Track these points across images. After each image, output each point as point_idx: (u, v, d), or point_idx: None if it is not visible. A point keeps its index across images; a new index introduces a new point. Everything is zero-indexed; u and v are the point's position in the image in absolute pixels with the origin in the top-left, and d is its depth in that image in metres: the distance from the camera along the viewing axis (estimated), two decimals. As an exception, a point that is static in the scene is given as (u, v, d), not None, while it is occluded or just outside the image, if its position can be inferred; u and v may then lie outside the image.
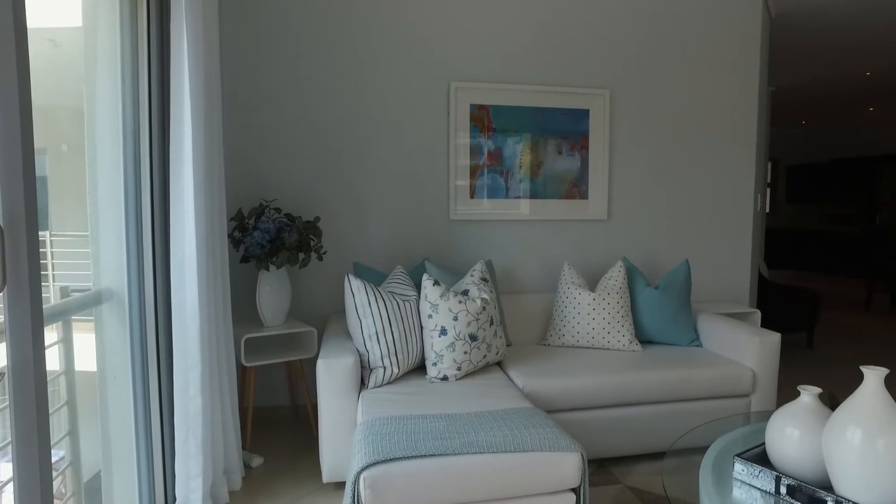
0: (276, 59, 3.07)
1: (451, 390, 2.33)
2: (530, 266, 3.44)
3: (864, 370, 1.44)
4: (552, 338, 3.03)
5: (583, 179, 3.43)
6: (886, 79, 6.54)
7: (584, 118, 3.40)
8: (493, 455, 1.77)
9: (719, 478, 1.69)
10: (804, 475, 1.57)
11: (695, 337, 3.03)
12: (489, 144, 3.30)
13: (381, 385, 2.41)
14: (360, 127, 3.19)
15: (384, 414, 2.06)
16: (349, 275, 2.48)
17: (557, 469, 1.79)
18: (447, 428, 1.90)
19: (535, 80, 3.36)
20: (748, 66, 3.71)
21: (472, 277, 2.71)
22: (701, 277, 3.73)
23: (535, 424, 1.92)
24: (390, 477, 1.69)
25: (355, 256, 3.23)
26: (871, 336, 5.48)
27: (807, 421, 1.58)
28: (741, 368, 2.71)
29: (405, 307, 2.52)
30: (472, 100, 3.26)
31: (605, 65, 3.45)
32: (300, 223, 2.84)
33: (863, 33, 4.81)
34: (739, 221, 3.78)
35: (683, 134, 3.63)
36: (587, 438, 2.58)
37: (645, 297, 3.02)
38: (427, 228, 3.30)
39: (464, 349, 2.46)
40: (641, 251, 3.60)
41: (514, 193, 3.35)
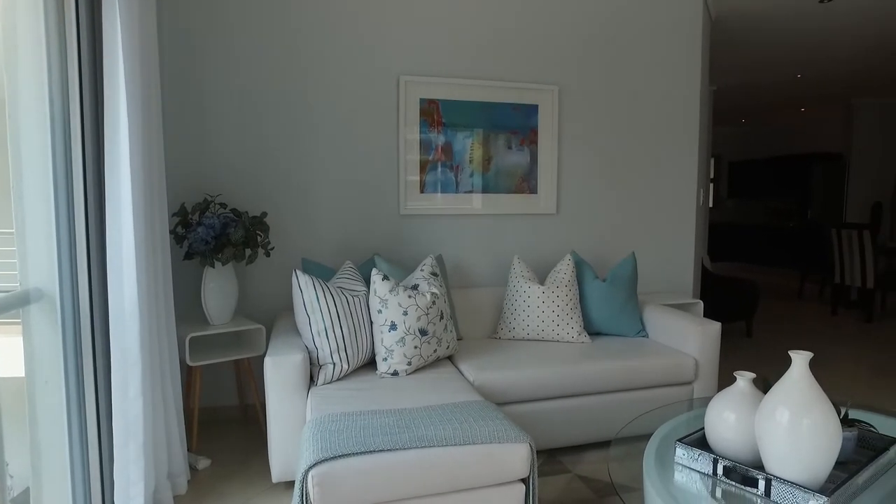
0: (218, 48, 2.98)
1: (402, 385, 2.32)
2: (481, 260, 3.47)
3: (792, 354, 1.51)
4: (503, 331, 3.06)
5: (532, 174, 3.48)
6: (815, 81, 6.88)
7: (533, 113, 3.44)
8: (442, 449, 1.77)
9: (662, 463, 1.74)
10: (739, 456, 1.63)
11: (641, 328, 3.12)
12: (439, 139, 3.30)
13: (331, 381, 2.38)
14: (309, 120, 3.13)
15: (333, 410, 2.03)
16: (297, 271, 2.44)
17: (507, 460, 1.81)
18: (397, 423, 1.89)
19: (485, 74, 3.38)
20: (690, 66, 3.83)
21: (421, 272, 2.71)
22: (647, 270, 3.84)
23: (484, 417, 1.93)
24: (339, 474, 1.67)
25: (304, 252, 3.18)
26: (804, 323, 5.77)
27: (742, 405, 1.65)
28: (684, 357, 2.80)
29: (354, 302, 2.49)
30: (422, 94, 3.25)
31: (553, 61, 3.50)
32: (247, 219, 2.77)
33: (793, 38, 5.05)
34: (683, 215, 3.90)
35: (629, 130, 3.72)
36: (537, 429, 2.61)
37: (593, 290, 3.08)
38: (377, 223, 3.27)
39: (414, 344, 2.46)
40: (589, 244, 3.67)
41: (464, 188, 3.37)
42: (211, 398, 3.13)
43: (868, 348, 4.82)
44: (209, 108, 2.99)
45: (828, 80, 6.89)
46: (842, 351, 4.73)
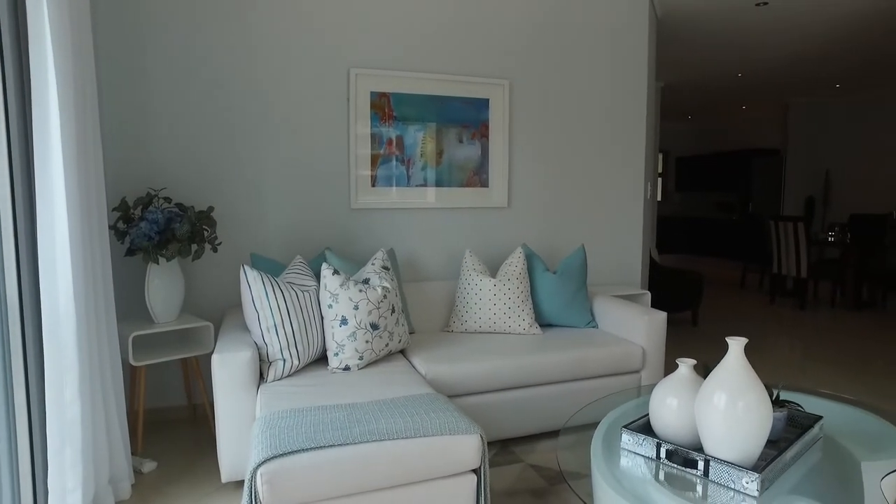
0: (161, 36, 2.88)
1: (353, 380, 2.30)
2: (433, 254, 3.47)
3: (729, 341, 1.58)
4: (455, 324, 3.07)
5: (483, 168, 3.50)
6: (754, 80, 7.17)
7: (484, 107, 3.46)
8: (393, 442, 1.77)
9: (609, 449, 1.79)
10: (681, 440, 1.69)
11: (591, 319, 3.19)
12: (390, 132, 3.28)
13: (282, 378, 2.34)
14: (258, 114, 3.06)
15: (283, 407, 2.00)
16: (245, 266, 2.38)
17: (458, 452, 1.82)
18: (347, 418, 1.88)
19: (437, 68, 3.37)
20: (637, 63, 3.93)
21: (373, 266, 2.69)
22: (597, 262, 3.93)
23: (435, 409, 1.94)
24: (289, 471, 1.64)
25: (253, 247, 3.11)
26: (745, 312, 6.02)
27: (683, 390, 1.71)
28: (632, 346, 2.88)
29: (304, 298, 2.46)
30: (373, 87, 3.23)
31: (504, 55, 3.53)
32: (192, 213, 2.69)
33: (733, 38, 5.24)
34: (631, 209, 4.01)
35: (579, 124, 3.79)
36: (490, 420, 2.64)
37: (544, 282, 3.14)
38: (328, 218, 3.23)
39: (365, 338, 2.44)
40: (540, 237, 3.73)
41: (415, 182, 3.36)
42: (157, 399, 3.03)
43: (802, 334, 5.07)
44: (152, 100, 2.88)
45: (766, 80, 7.19)
46: (778, 337, 4.96)
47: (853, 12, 4.53)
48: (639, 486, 1.58)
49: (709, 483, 1.56)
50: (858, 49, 5.67)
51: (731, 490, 1.52)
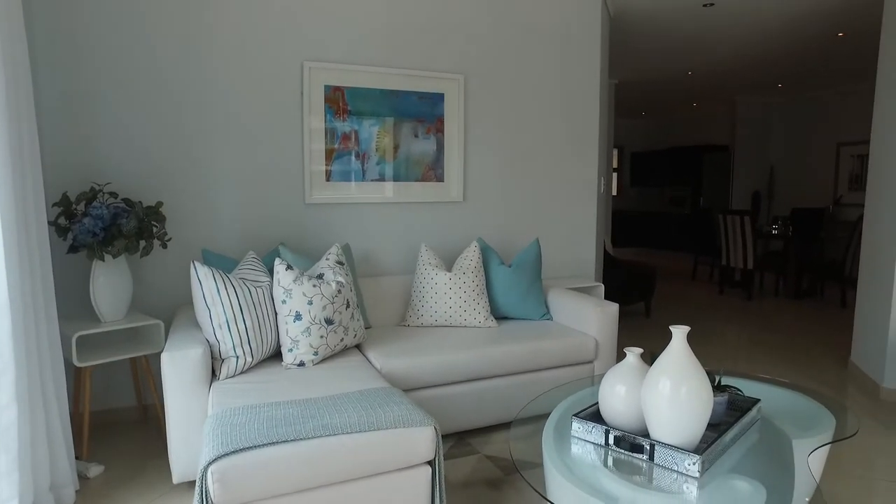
0: (105, 23, 2.77)
1: (308, 375, 2.29)
2: (389, 248, 3.47)
3: (672, 329, 1.64)
4: (411, 318, 3.08)
5: (439, 162, 3.51)
6: (704, 79, 7.40)
7: (439, 102, 3.47)
8: (347, 436, 1.77)
9: (560, 437, 1.83)
10: (629, 426, 1.75)
11: (546, 311, 3.25)
12: (345, 127, 3.26)
13: (235, 375, 2.31)
14: (209, 106, 2.99)
15: (236, 404, 1.98)
16: (195, 262, 2.33)
17: (412, 444, 1.83)
18: (301, 413, 1.87)
19: (391, 62, 3.36)
20: (589, 60, 4.00)
21: (327, 261, 2.67)
22: (552, 255, 3.99)
23: (389, 403, 1.95)
24: (240, 468, 1.63)
25: (204, 243, 3.04)
26: (696, 302, 6.23)
27: (630, 378, 1.76)
28: (585, 337, 2.95)
29: (258, 294, 2.43)
30: (327, 81, 3.19)
31: (459, 50, 3.54)
32: (140, 209, 2.61)
33: (682, 38, 5.39)
34: (585, 203, 4.09)
35: (533, 120, 3.83)
36: (446, 413, 2.67)
37: (499, 276, 3.17)
38: (282, 213, 3.19)
39: (320, 333, 2.43)
40: (496, 231, 3.77)
41: (371, 177, 3.35)
42: (106, 400, 2.94)
43: (747, 323, 5.28)
44: (94, 93, 2.78)
45: (714, 79, 7.42)
46: (726, 326, 5.15)
47: (791, 17, 4.72)
48: (588, 473, 1.62)
49: (654, 466, 1.62)
50: (797, 52, 5.92)
51: (674, 472, 1.58)
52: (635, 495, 1.51)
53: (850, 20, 4.92)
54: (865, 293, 3.81)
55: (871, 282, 3.70)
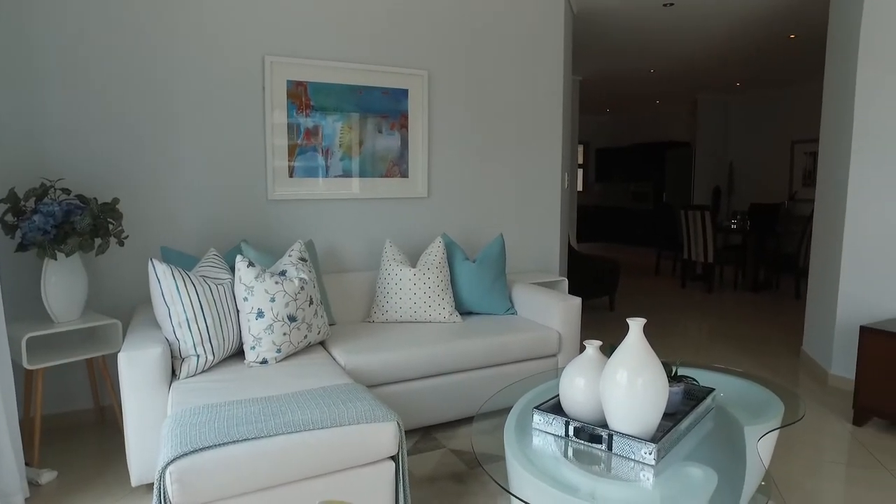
0: (57, 11, 2.68)
1: (271, 373, 2.27)
2: (353, 245, 3.45)
3: (629, 321, 1.67)
4: (376, 314, 3.08)
5: (403, 158, 3.51)
6: (666, 77, 7.55)
7: (403, 98, 3.46)
8: (309, 433, 1.76)
9: (522, 430, 1.86)
10: (589, 417, 1.78)
11: (510, 306, 3.28)
12: (308, 122, 3.22)
13: (196, 374, 2.27)
14: (167, 100, 2.92)
15: (196, 403, 1.95)
16: (153, 259, 2.28)
17: (375, 439, 1.83)
18: (263, 411, 1.85)
19: (355, 57, 3.34)
20: (553, 56, 4.05)
21: (289, 258, 2.65)
22: (516, 250, 4.03)
23: (352, 399, 1.94)
24: (200, 468, 1.60)
25: (164, 240, 2.98)
26: (658, 296, 6.37)
27: (590, 370, 1.79)
28: (549, 331, 2.99)
29: (219, 291, 2.39)
30: (289, 76, 3.15)
31: (423, 46, 3.54)
32: (95, 205, 2.54)
33: (644, 36, 5.50)
34: (549, 198, 4.14)
35: (497, 116, 3.86)
36: (411, 408, 2.67)
37: (463, 271, 3.19)
38: (244, 209, 3.14)
39: (283, 330, 2.40)
40: (460, 227, 3.79)
41: (334, 172, 3.32)
42: (62, 403, 2.86)
43: (708, 315, 5.43)
44: (44, 87, 2.69)
45: (675, 77, 7.59)
46: (688, 319, 5.29)
47: (745, 19, 4.85)
48: (549, 464, 1.65)
49: (612, 456, 1.66)
50: (752, 53, 6.09)
51: (631, 461, 1.62)
52: (594, 484, 1.54)
53: (800, 23, 5.10)
54: (815, 285, 3.96)
55: (820, 274, 3.85)
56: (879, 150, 3.27)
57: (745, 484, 1.57)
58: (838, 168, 3.61)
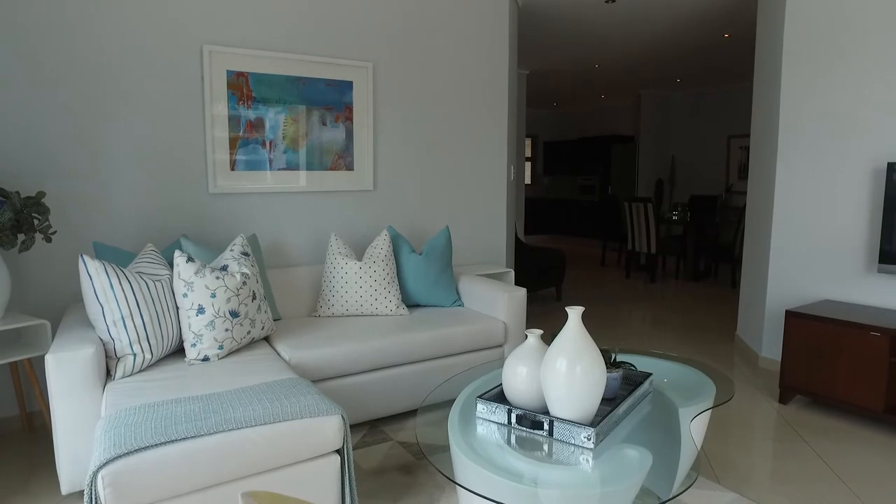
0: (-31, 0, 2.52)
1: (213, 370, 2.22)
2: (298, 239, 3.40)
3: (568, 310, 1.72)
4: (322, 309, 3.05)
5: (349, 151, 3.47)
6: (610, 71, 7.73)
7: (347, 90, 3.42)
8: (251, 429, 1.73)
9: (466, 419, 1.88)
10: (530, 405, 1.82)
11: (457, 297, 3.31)
12: (250, 114, 3.15)
13: (132, 374, 2.19)
14: (100, 88, 2.79)
15: (132, 404, 1.88)
16: (84, 256, 2.19)
17: (319, 434, 1.82)
18: (203, 408, 1.81)
19: (297, 48, 3.28)
20: (498, 49, 4.08)
21: (231, 252, 2.59)
22: (462, 242, 4.06)
23: (296, 393, 1.92)
24: (135, 470, 1.55)
25: (97, 235, 2.86)
26: (604, 286, 6.55)
27: (531, 359, 1.83)
28: (495, 322, 3.03)
29: (156, 288, 2.31)
30: (230, 66, 3.07)
31: (367, 38, 3.51)
32: (17, 199, 2.41)
33: (587, 31, 5.61)
34: (495, 191, 4.18)
35: (443, 109, 3.87)
36: (358, 402, 2.66)
37: (410, 263, 3.19)
38: (183, 203, 3.05)
39: (225, 327, 2.35)
40: (407, 219, 3.78)
41: (278, 165, 3.26)
42: (-16, 409, 2.71)
43: (651, 304, 5.62)
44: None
45: (619, 72, 7.78)
46: (632, 308, 5.46)
47: (682, 17, 5.02)
48: (493, 452, 1.67)
49: (553, 441, 1.70)
50: (690, 50, 6.31)
51: (571, 445, 1.67)
52: (536, 470, 1.58)
53: (733, 23, 5.31)
54: (747, 273, 4.15)
55: (752, 263, 4.05)
56: (803, 145, 3.46)
57: (679, 462, 1.64)
58: (767, 162, 3.79)
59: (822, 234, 3.40)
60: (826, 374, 2.94)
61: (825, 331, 2.93)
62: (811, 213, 3.45)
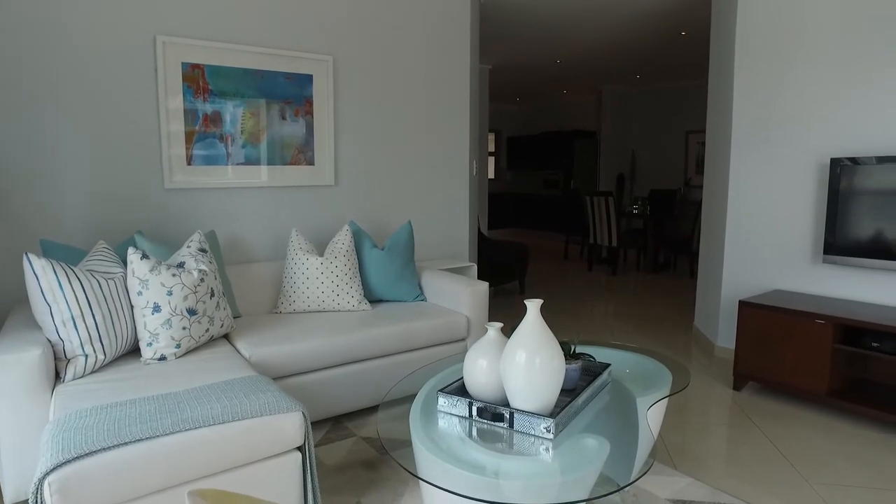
0: None
1: (170, 370, 2.17)
2: (258, 234, 3.34)
3: (527, 302, 1.74)
4: (283, 305, 3.01)
5: (309, 145, 3.43)
6: (572, 67, 7.83)
7: (307, 83, 3.37)
8: (209, 428, 1.70)
9: (428, 413, 1.89)
10: (491, 397, 1.84)
11: (419, 292, 3.31)
12: (207, 108, 3.07)
13: (84, 375, 2.12)
14: (47, 79, 2.68)
15: (83, 406, 1.82)
16: (29, 255, 2.10)
17: (279, 431, 1.80)
18: (159, 409, 1.77)
19: (255, 40, 3.21)
20: (460, 44, 4.08)
21: (188, 249, 2.53)
22: (425, 237, 4.06)
23: (255, 391, 1.90)
24: (85, 475, 1.51)
25: (45, 233, 2.75)
26: (567, 279, 6.65)
27: (491, 351, 1.85)
28: (457, 316, 3.04)
29: (109, 286, 2.24)
30: (185, 58, 2.99)
31: (327, 31, 3.46)
32: (-42, 196, 2.30)
33: (549, 25, 5.66)
34: (458, 185, 4.19)
35: (405, 103, 3.85)
36: (321, 398, 2.64)
37: (372, 259, 3.18)
38: (138, 199, 2.96)
39: (182, 325, 2.30)
40: (368, 214, 3.76)
41: (236, 160, 3.20)
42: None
43: (613, 296, 5.74)
44: None
45: (580, 68, 7.88)
46: (594, 300, 5.56)
47: (639, 14, 5.12)
48: (454, 445, 1.69)
49: (514, 433, 1.72)
50: (648, 47, 6.44)
51: (532, 436, 1.69)
52: (497, 462, 1.60)
53: (690, 21, 5.44)
54: (704, 265, 4.27)
55: (708, 254, 4.17)
56: (754, 141, 3.57)
57: (637, 449, 1.68)
58: (721, 157, 3.90)
59: (773, 227, 3.53)
60: (776, 360, 3.05)
61: (775, 320, 3.05)
62: (763, 207, 3.57)
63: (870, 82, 3.08)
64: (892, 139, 3.02)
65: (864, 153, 3.12)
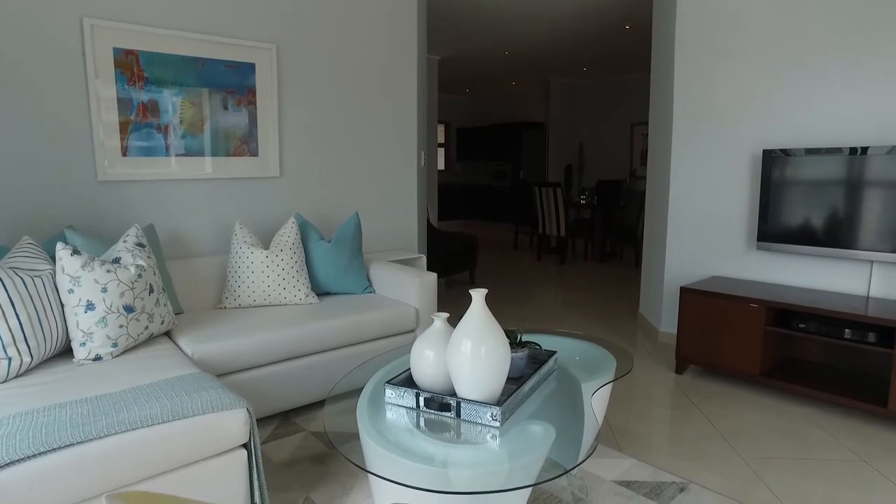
0: None
1: (106, 370, 2.08)
2: (201, 228, 3.24)
3: (472, 292, 1.75)
4: (228, 300, 2.93)
5: (252, 136, 3.34)
6: (519, 59, 7.90)
7: (250, 72, 3.27)
8: (148, 429, 1.64)
9: (376, 405, 1.88)
10: (439, 387, 1.84)
11: (368, 284, 3.28)
12: (142, 96, 2.94)
13: (7, 380, 2.01)
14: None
15: (6, 413, 1.73)
16: (-54, 251, 1.97)
17: (223, 429, 1.76)
18: (92, 411, 1.69)
19: (193, 26, 3.09)
20: (407, 35, 4.05)
21: (124, 244, 2.42)
22: (373, 229, 4.03)
23: (197, 389, 1.84)
24: (8, 486, 1.42)
25: (-34, 229, 2.58)
26: (517, 269, 6.74)
27: (438, 342, 1.85)
28: (406, 307, 3.04)
29: (35, 284, 2.13)
30: (116, 42, 2.85)
31: (270, 18, 3.36)
32: None
33: (496, 16, 5.69)
34: (406, 176, 4.17)
35: (352, 94, 3.80)
36: (268, 394, 2.60)
37: (319, 251, 3.13)
38: (68, 192, 2.81)
39: (119, 323, 2.21)
40: (315, 206, 3.70)
41: (176, 151, 3.08)
42: None
43: (561, 285, 5.85)
44: None
45: (529, 59, 7.96)
46: (543, 289, 5.65)
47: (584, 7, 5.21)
48: (402, 437, 1.68)
49: (461, 422, 1.73)
50: (593, 40, 6.56)
51: (478, 425, 1.71)
52: (445, 451, 1.61)
53: (634, 15, 5.57)
54: (648, 253, 4.41)
55: (651, 243, 4.30)
56: (694, 132, 3.70)
57: (583, 434, 1.72)
58: (663, 148, 4.03)
59: (711, 216, 3.67)
60: (714, 344, 3.19)
61: (713, 305, 3.18)
62: (702, 196, 3.70)
63: (799, 76, 3.23)
64: (821, 132, 3.19)
65: (794, 145, 3.28)
